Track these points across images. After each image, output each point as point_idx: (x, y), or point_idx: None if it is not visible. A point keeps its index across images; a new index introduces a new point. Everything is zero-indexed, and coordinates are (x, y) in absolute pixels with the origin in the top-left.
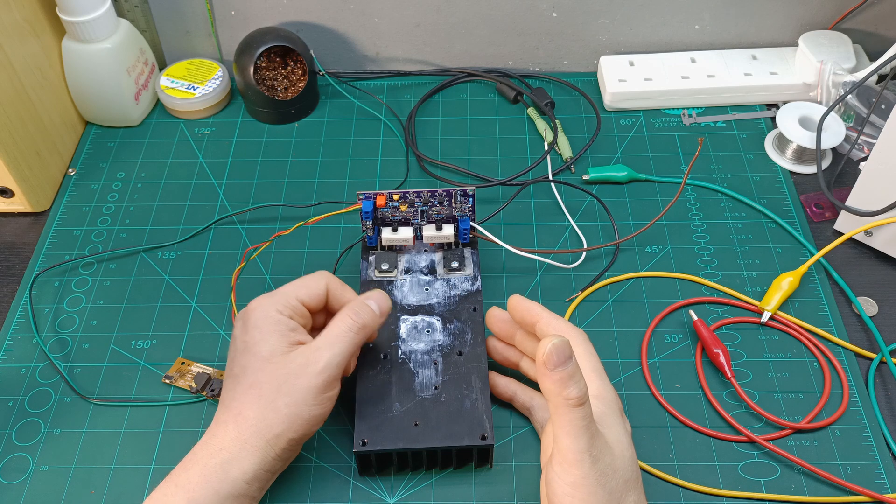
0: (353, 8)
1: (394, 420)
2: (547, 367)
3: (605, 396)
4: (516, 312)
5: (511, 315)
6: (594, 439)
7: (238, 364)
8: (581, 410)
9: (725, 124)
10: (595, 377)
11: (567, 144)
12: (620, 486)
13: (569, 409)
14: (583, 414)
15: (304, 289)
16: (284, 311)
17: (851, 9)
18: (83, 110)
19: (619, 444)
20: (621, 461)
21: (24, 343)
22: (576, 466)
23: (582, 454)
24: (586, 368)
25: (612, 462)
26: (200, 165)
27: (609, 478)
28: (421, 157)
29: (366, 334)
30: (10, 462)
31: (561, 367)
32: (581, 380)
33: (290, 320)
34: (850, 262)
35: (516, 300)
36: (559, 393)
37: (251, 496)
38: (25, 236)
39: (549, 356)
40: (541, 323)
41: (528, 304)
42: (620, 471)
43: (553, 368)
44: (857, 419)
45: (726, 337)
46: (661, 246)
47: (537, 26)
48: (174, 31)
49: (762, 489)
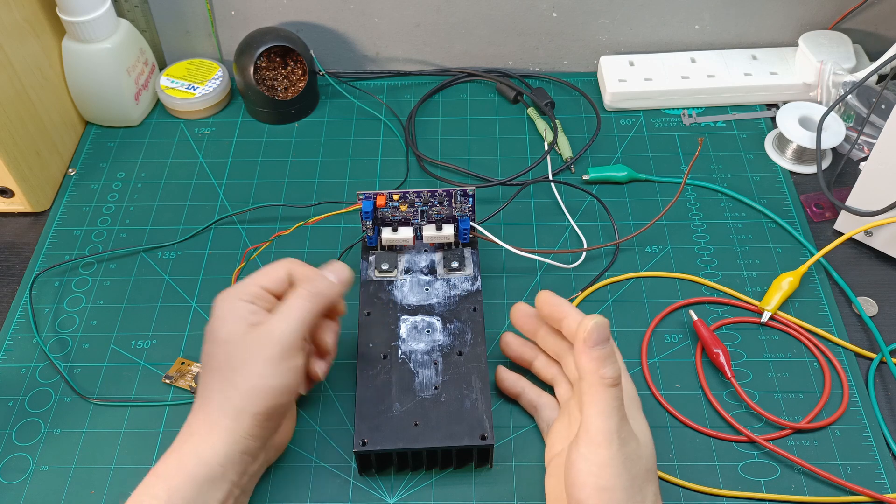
0: (353, 8)
1: (394, 420)
2: (587, 343)
3: (628, 392)
4: (545, 307)
5: (539, 310)
6: (623, 422)
7: (204, 352)
8: (615, 391)
9: (725, 124)
10: (624, 374)
11: (567, 144)
12: (643, 473)
13: (604, 387)
14: (616, 394)
15: (264, 276)
16: (245, 297)
17: (851, 9)
18: (83, 110)
19: (643, 434)
20: (645, 450)
21: (24, 343)
22: (604, 447)
23: (612, 434)
24: None
25: (637, 449)
26: (200, 165)
27: (634, 463)
28: (421, 157)
29: (320, 302)
30: (10, 462)
31: (600, 346)
32: (616, 361)
33: (250, 304)
34: (850, 262)
35: (546, 295)
36: (596, 370)
37: (230, 480)
38: (25, 236)
39: (591, 333)
40: (567, 319)
41: (557, 301)
42: (644, 459)
43: (593, 346)
44: (857, 419)
45: (726, 337)
46: (661, 246)
47: (537, 26)
48: (174, 31)
49: (762, 489)
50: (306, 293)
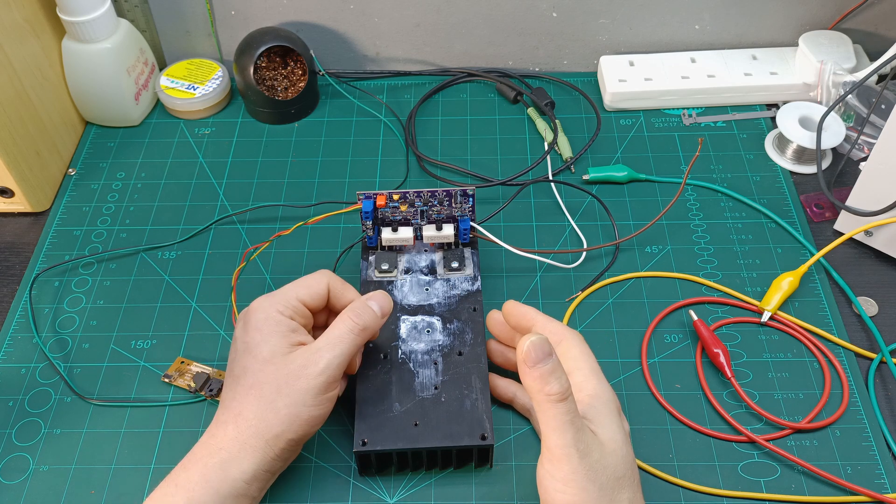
0: (353, 8)
1: (394, 420)
2: (527, 364)
3: (600, 395)
4: (511, 318)
5: (507, 319)
6: (580, 434)
7: (239, 365)
8: (564, 405)
9: (725, 124)
10: (592, 376)
11: (567, 144)
12: (612, 482)
13: (551, 404)
14: (566, 409)
15: (304, 289)
16: (285, 311)
17: (851, 9)
18: (83, 110)
19: (611, 442)
20: (613, 458)
21: (24, 343)
22: (564, 462)
23: (568, 449)
24: (583, 368)
25: (601, 458)
26: (200, 165)
27: (599, 473)
28: (421, 157)
29: (367, 335)
30: (10, 462)
31: (541, 364)
32: (562, 376)
33: (290, 321)
34: (850, 262)
35: (511, 306)
36: (540, 389)
37: (251, 496)
38: (25, 236)
39: (528, 353)
40: (536, 326)
41: (522, 310)
42: (612, 467)
43: (533, 365)
44: (857, 419)
45: (726, 337)
46: (661, 246)
47: (537, 26)
48: (174, 31)
49: (762, 489)
50: (355, 327)
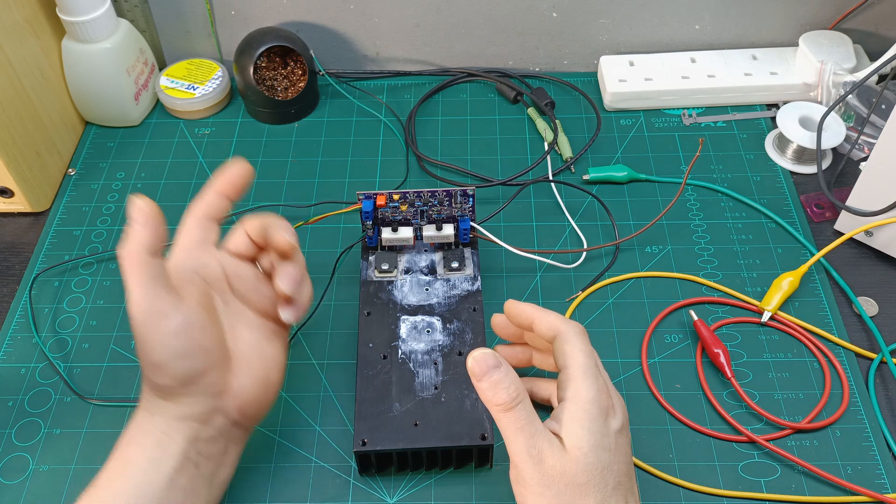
0: (353, 8)
1: (394, 420)
2: (474, 378)
3: (578, 397)
4: (512, 318)
5: (509, 320)
6: (532, 440)
7: None
8: (512, 414)
9: (725, 124)
10: (576, 376)
11: (567, 144)
12: (571, 489)
13: (501, 414)
14: (515, 417)
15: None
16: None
17: (852, 9)
18: (83, 110)
19: (575, 449)
20: (574, 465)
21: (23, 343)
22: (520, 468)
23: (522, 455)
24: (570, 367)
25: (558, 464)
26: (200, 165)
27: (555, 479)
28: (421, 157)
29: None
30: (10, 462)
31: (487, 376)
32: (511, 384)
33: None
34: (850, 262)
35: (510, 306)
36: (489, 400)
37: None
38: (25, 236)
39: (473, 368)
40: (536, 322)
41: (520, 308)
42: (571, 474)
43: (479, 380)
44: (858, 419)
45: (726, 337)
46: (662, 246)
47: (537, 26)
48: (174, 31)
49: (762, 489)
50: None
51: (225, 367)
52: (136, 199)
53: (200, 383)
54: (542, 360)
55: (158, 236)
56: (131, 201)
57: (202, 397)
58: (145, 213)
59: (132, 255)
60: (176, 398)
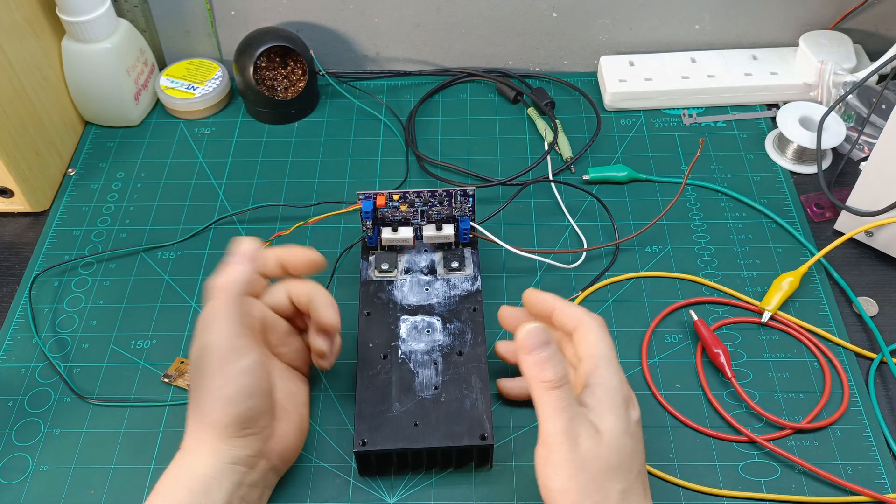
0: (353, 8)
1: (394, 420)
2: (523, 351)
3: (605, 384)
4: (532, 306)
5: (527, 308)
6: (572, 422)
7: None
8: (559, 392)
9: (726, 124)
10: (602, 364)
11: (567, 144)
12: (604, 472)
13: (545, 391)
14: (559, 396)
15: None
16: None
17: (852, 9)
18: (83, 110)
19: (608, 433)
20: (607, 449)
21: (23, 343)
22: (555, 449)
23: (560, 436)
24: (594, 356)
25: (594, 447)
26: (200, 165)
27: (590, 462)
28: (421, 157)
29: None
30: (10, 462)
31: (537, 351)
32: (559, 363)
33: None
34: (850, 262)
35: (531, 293)
36: (536, 375)
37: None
38: (25, 236)
39: (524, 341)
40: (556, 312)
41: (542, 296)
42: (605, 457)
43: (529, 352)
44: (858, 419)
45: (726, 337)
46: (662, 246)
47: (537, 26)
48: (174, 31)
49: (762, 489)
50: (214, 293)
51: (272, 414)
52: (242, 240)
53: (256, 426)
54: None
55: (256, 278)
56: (237, 241)
57: (254, 440)
58: (251, 253)
59: (227, 290)
60: (232, 440)
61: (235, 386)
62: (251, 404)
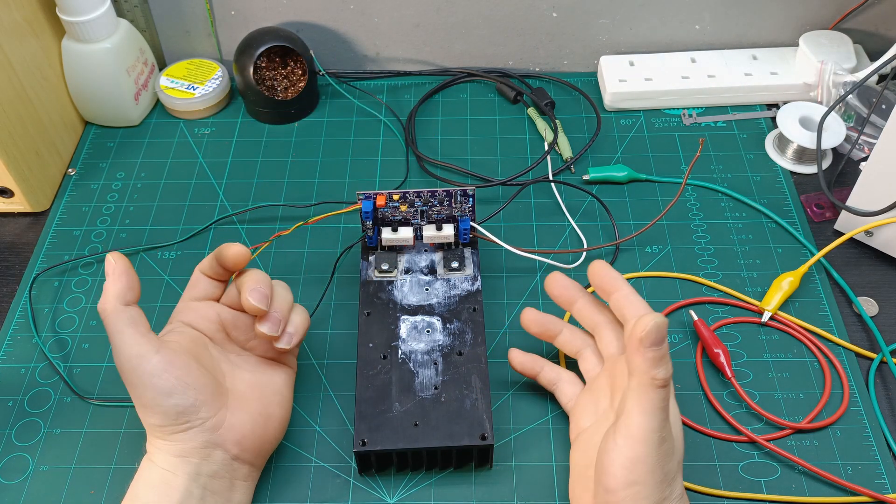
0: (353, 8)
1: (394, 420)
2: (643, 343)
3: None
4: (596, 277)
5: (590, 278)
6: (665, 422)
7: None
8: (663, 392)
9: (726, 124)
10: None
11: (567, 144)
12: (675, 467)
13: (652, 388)
14: (663, 395)
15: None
16: None
17: (852, 9)
18: (83, 110)
19: (676, 425)
20: (678, 443)
21: (23, 343)
22: (642, 444)
23: (652, 433)
24: None
25: (671, 446)
26: (200, 165)
27: (668, 459)
28: (421, 157)
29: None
30: (10, 462)
31: (656, 347)
32: (669, 362)
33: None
34: (850, 262)
35: (600, 265)
36: (647, 371)
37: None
38: (25, 236)
39: (649, 334)
40: (618, 294)
41: (611, 273)
42: (678, 453)
43: (649, 346)
44: (858, 419)
45: (726, 337)
46: (662, 246)
47: (537, 26)
48: (174, 31)
49: (762, 489)
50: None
51: (218, 404)
52: (108, 256)
53: (192, 419)
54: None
55: (130, 287)
56: (106, 259)
57: (195, 432)
58: (115, 267)
59: (107, 307)
60: (169, 436)
61: (151, 390)
62: (174, 402)
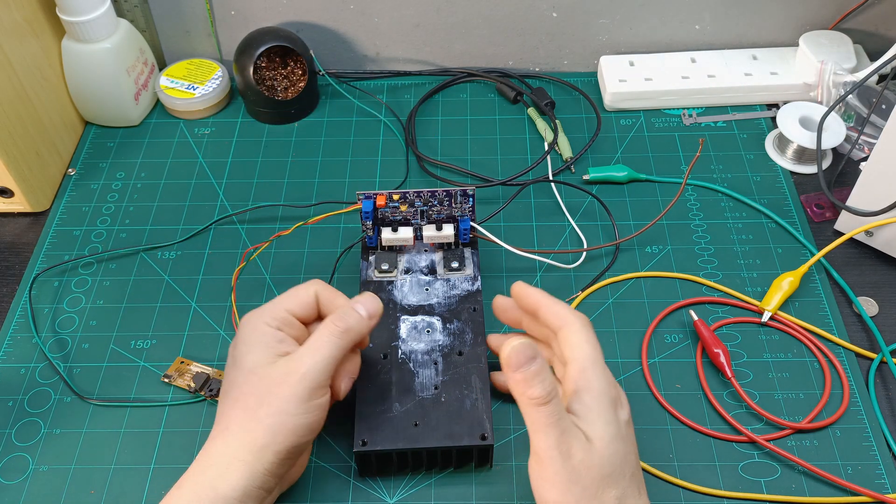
0: (353, 8)
1: (394, 420)
2: (510, 368)
3: (592, 388)
4: (519, 300)
5: (515, 301)
6: (563, 436)
7: (227, 379)
8: (546, 409)
9: (726, 124)
10: (587, 368)
11: (567, 144)
12: (597, 481)
13: (533, 408)
14: (549, 412)
15: (293, 299)
16: (272, 322)
17: (852, 9)
18: (83, 110)
19: (599, 440)
20: (599, 457)
21: (23, 343)
22: (546, 463)
23: (551, 451)
24: (579, 359)
25: (586, 458)
26: (200, 165)
27: (583, 473)
28: (421, 157)
29: (351, 338)
30: (10, 462)
31: (524, 368)
32: (546, 378)
33: (277, 332)
34: (850, 262)
35: (519, 287)
36: (523, 392)
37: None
38: (25, 236)
39: (509, 359)
40: (542, 310)
41: (529, 291)
42: (597, 466)
43: (516, 370)
44: (858, 419)
45: (727, 337)
46: (662, 246)
47: (537, 26)
48: (174, 31)
49: (762, 489)
50: (336, 329)
51: None
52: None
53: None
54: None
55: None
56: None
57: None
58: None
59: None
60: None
61: (309, 418)
62: (310, 439)
